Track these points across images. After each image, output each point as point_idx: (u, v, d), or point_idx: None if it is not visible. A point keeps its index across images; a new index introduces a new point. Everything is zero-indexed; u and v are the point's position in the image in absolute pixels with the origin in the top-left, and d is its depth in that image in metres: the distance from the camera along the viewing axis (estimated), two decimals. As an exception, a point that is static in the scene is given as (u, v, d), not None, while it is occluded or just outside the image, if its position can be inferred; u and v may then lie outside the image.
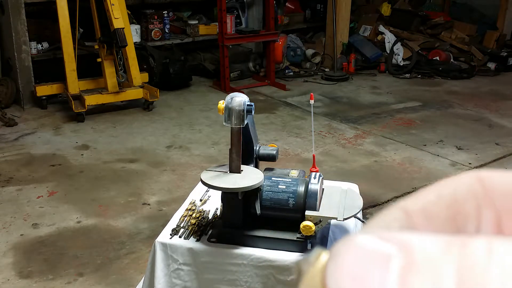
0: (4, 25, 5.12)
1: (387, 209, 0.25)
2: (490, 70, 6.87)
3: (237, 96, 1.74)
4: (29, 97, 5.15)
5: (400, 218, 0.24)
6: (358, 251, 0.21)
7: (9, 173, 3.77)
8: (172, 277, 1.84)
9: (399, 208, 0.24)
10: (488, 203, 0.23)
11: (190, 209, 2.03)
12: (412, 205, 0.24)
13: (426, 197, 0.24)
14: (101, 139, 4.46)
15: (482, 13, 7.81)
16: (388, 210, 0.24)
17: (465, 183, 0.24)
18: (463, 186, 0.24)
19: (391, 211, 0.24)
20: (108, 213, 3.26)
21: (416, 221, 0.23)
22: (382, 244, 0.21)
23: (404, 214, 0.24)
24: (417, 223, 0.23)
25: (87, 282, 2.61)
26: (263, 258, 1.76)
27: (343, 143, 4.44)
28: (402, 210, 0.24)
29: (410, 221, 0.23)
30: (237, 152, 1.76)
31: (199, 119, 4.96)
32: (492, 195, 0.23)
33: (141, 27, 6.05)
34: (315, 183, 1.74)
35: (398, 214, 0.24)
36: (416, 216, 0.24)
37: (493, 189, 0.23)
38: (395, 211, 0.24)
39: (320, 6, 7.26)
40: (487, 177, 0.24)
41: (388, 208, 0.25)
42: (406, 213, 0.24)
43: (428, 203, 0.24)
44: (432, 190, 0.24)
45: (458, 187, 0.24)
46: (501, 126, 4.94)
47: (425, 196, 0.24)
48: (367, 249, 0.21)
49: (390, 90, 6.06)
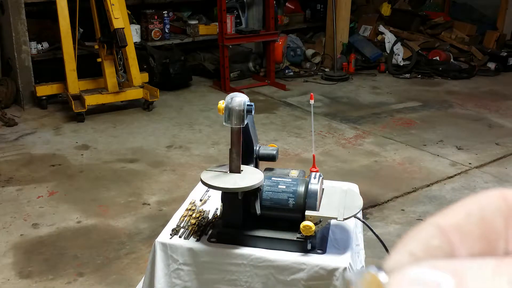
0: (4, 25, 5.12)
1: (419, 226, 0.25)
2: (490, 70, 6.87)
3: (237, 96, 1.74)
4: (29, 97, 5.15)
5: (436, 235, 0.24)
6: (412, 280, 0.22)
7: (9, 173, 3.77)
8: (172, 277, 1.84)
9: (432, 224, 0.25)
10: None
11: (190, 209, 2.03)
12: (445, 222, 0.24)
13: (457, 214, 0.25)
14: (101, 139, 4.46)
15: (482, 13, 7.81)
16: (421, 227, 0.25)
17: (491, 201, 0.25)
18: (489, 204, 0.25)
19: (424, 228, 0.25)
20: (108, 213, 3.26)
21: (453, 239, 0.24)
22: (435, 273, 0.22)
23: (439, 231, 0.24)
24: (453, 240, 0.24)
25: (87, 282, 2.61)
26: (263, 258, 1.76)
27: (343, 143, 4.44)
28: (436, 227, 0.24)
29: (446, 238, 0.24)
30: (237, 152, 1.76)
31: (199, 119, 4.96)
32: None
33: (141, 27, 6.05)
34: (315, 183, 1.74)
35: (432, 231, 0.24)
36: (451, 234, 0.24)
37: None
38: (429, 227, 0.25)
39: (320, 6, 7.26)
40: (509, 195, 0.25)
41: (420, 225, 0.25)
42: (440, 230, 0.24)
43: (460, 220, 0.24)
44: (461, 207, 0.25)
45: (485, 205, 0.25)
46: (501, 126, 4.94)
47: (455, 213, 0.25)
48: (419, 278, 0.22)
49: (390, 90, 6.06)
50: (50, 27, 5.43)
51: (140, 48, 5.59)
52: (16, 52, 5.04)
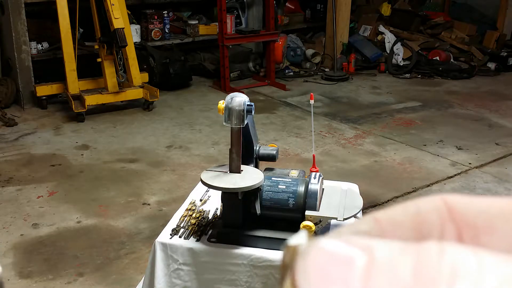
0: (4, 25, 5.12)
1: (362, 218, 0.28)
2: (490, 70, 6.87)
3: (237, 96, 1.74)
4: (29, 97, 5.15)
5: (369, 222, 0.27)
6: (325, 252, 0.24)
7: (9, 173, 3.77)
8: (172, 277, 1.84)
9: (370, 216, 0.27)
10: (450, 217, 0.26)
11: (190, 209, 2.03)
12: (381, 214, 0.27)
13: (394, 209, 0.27)
14: (101, 139, 4.46)
15: (482, 13, 7.81)
16: (362, 219, 0.28)
17: (430, 201, 0.27)
18: (428, 203, 0.27)
19: (363, 219, 0.27)
20: (108, 213, 3.26)
21: (384, 227, 0.26)
22: (347, 247, 0.24)
23: (374, 221, 0.27)
24: (385, 229, 0.26)
25: (87, 282, 2.61)
26: (263, 258, 1.76)
27: (343, 143, 4.44)
28: (372, 217, 0.27)
29: (379, 226, 0.26)
30: (237, 152, 1.76)
31: (199, 119, 4.96)
32: (452, 211, 0.26)
33: (141, 27, 6.05)
34: (315, 183, 1.74)
35: (367, 219, 0.27)
36: (384, 222, 0.26)
37: (454, 207, 0.26)
38: (367, 218, 0.27)
39: (320, 6, 7.26)
40: (449, 197, 0.27)
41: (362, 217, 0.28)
42: (375, 220, 0.27)
43: (396, 213, 0.27)
44: (400, 205, 0.27)
45: (423, 203, 0.27)
46: (501, 126, 4.94)
47: (393, 208, 0.27)
48: (333, 251, 0.24)
49: (390, 90, 6.06)
50: (50, 27, 5.43)
51: (140, 48, 5.59)
52: (16, 52, 5.04)
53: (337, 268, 0.23)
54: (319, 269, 0.23)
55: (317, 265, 0.23)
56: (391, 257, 0.23)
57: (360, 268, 0.23)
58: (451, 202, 0.27)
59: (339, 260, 0.23)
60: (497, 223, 0.26)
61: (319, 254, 0.24)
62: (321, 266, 0.23)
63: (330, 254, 0.24)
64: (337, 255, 0.23)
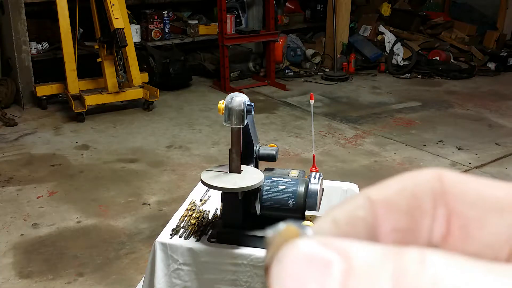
0: (4, 25, 5.12)
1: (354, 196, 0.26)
2: (490, 70, 6.87)
3: (237, 96, 1.74)
4: (29, 97, 5.15)
5: (364, 206, 0.25)
6: (301, 255, 0.23)
7: (9, 173, 3.77)
8: (172, 277, 1.84)
9: (364, 195, 0.26)
10: (443, 201, 0.25)
11: (190, 209, 2.03)
12: (376, 195, 0.26)
13: (390, 188, 0.26)
14: (101, 139, 4.46)
15: (482, 13, 7.81)
16: (354, 197, 0.26)
17: (427, 179, 0.26)
18: (424, 182, 0.26)
19: (355, 198, 0.26)
20: (108, 213, 3.26)
21: (379, 212, 0.25)
22: (323, 250, 0.23)
23: (368, 202, 0.25)
24: (379, 213, 0.25)
25: (87, 282, 2.61)
26: (263, 258, 1.76)
27: (343, 143, 4.44)
28: (366, 198, 0.26)
29: (373, 210, 0.25)
30: (237, 152, 1.76)
31: (199, 119, 4.96)
32: (447, 195, 0.26)
33: (141, 27, 6.05)
34: (315, 183, 1.74)
35: (362, 201, 0.26)
36: (379, 206, 0.25)
37: (449, 190, 0.26)
38: (360, 198, 0.26)
39: (320, 6, 7.26)
40: (447, 177, 0.26)
41: (354, 195, 0.26)
42: (370, 201, 0.25)
43: (391, 194, 0.26)
44: (396, 181, 0.26)
45: (420, 182, 0.26)
46: (501, 126, 4.94)
47: (389, 187, 0.26)
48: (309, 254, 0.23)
49: (390, 90, 6.06)
50: (50, 27, 5.43)
51: (140, 48, 5.59)
52: (16, 52, 5.04)
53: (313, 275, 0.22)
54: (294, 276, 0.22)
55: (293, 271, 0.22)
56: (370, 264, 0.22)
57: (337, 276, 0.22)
58: (447, 183, 0.26)
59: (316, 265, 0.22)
60: (490, 218, 0.25)
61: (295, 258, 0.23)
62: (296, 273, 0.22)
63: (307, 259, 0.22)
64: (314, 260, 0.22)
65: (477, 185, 0.26)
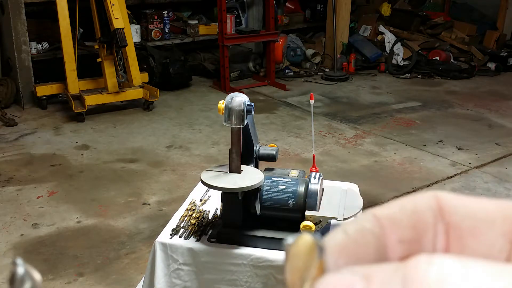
0: (4, 25, 5.12)
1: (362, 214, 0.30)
2: (490, 70, 6.87)
3: (237, 96, 1.74)
4: (29, 97, 5.15)
5: (370, 219, 0.28)
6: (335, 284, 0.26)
7: (9, 173, 3.77)
8: (172, 277, 1.84)
9: (368, 213, 0.29)
10: (441, 217, 0.28)
11: (190, 209, 2.03)
12: (380, 212, 0.28)
13: (392, 207, 0.29)
14: (101, 139, 4.46)
15: (482, 13, 7.81)
16: (361, 215, 0.29)
17: (424, 199, 0.28)
18: (422, 201, 0.28)
19: (362, 215, 0.29)
20: (108, 213, 3.26)
21: (385, 224, 0.28)
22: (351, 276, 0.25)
23: (373, 217, 0.28)
24: (385, 226, 0.28)
25: (87, 282, 2.61)
26: (263, 258, 1.76)
27: (343, 143, 4.44)
28: (371, 214, 0.28)
29: (379, 223, 0.28)
30: (237, 152, 1.76)
31: (199, 119, 4.96)
32: (443, 210, 0.28)
33: (141, 27, 6.05)
34: (315, 183, 1.74)
35: (368, 217, 0.28)
36: (384, 220, 0.28)
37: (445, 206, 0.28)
38: (366, 214, 0.29)
39: (320, 6, 7.26)
40: (442, 195, 0.28)
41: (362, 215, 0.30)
42: (375, 216, 0.28)
43: (394, 211, 0.28)
44: (396, 203, 0.29)
45: (418, 201, 0.28)
46: (501, 126, 4.94)
47: (391, 207, 0.29)
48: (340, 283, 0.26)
49: (390, 90, 6.06)
50: (50, 27, 5.43)
51: (140, 48, 5.59)
52: (16, 52, 5.04)
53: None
54: None
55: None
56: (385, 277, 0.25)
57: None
58: (442, 201, 0.28)
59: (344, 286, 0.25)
60: (481, 228, 0.27)
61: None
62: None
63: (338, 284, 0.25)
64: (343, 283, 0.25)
65: (469, 201, 0.28)
